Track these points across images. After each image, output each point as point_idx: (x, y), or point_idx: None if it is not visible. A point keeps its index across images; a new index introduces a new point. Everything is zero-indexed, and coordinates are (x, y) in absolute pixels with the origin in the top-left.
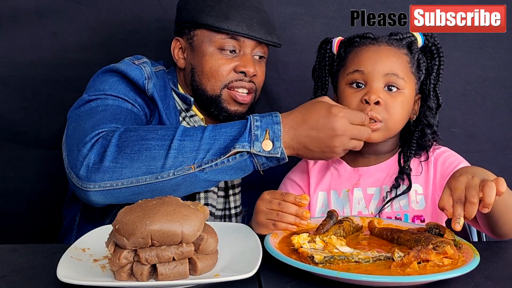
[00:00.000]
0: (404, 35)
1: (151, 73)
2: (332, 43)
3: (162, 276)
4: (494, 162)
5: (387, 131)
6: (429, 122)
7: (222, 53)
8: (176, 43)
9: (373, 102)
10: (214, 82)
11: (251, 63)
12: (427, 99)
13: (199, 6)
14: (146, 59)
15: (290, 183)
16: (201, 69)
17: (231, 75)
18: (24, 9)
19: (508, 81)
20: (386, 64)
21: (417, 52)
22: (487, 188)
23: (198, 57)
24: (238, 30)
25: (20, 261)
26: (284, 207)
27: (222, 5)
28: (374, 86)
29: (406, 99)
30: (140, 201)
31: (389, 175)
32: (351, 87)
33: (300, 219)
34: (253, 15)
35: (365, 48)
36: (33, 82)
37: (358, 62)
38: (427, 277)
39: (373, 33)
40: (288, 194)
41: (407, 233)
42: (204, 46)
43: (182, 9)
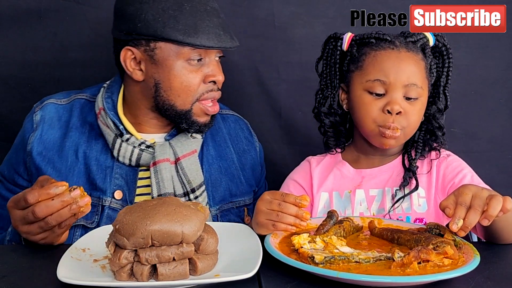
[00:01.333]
0: (418, 37)
1: (40, 121)
2: (343, 39)
3: (162, 276)
4: (494, 162)
5: (404, 138)
6: (440, 124)
7: (190, 64)
8: (127, 53)
9: (395, 112)
10: (185, 97)
11: (219, 70)
12: (436, 101)
13: (160, 17)
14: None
15: (292, 184)
16: (168, 85)
17: (201, 87)
18: (25, 9)
19: (508, 81)
20: (408, 74)
21: (430, 55)
22: (494, 201)
23: (164, 72)
24: (210, 44)
25: (20, 261)
26: (284, 208)
27: (185, 14)
28: (395, 96)
29: (422, 105)
30: (140, 201)
31: (392, 177)
32: (370, 95)
33: (300, 220)
34: (217, 21)
35: (385, 54)
36: (33, 82)
37: (380, 71)
38: (427, 277)
39: (388, 34)
40: (288, 195)
41: (407, 233)
42: (170, 60)
43: (136, 19)
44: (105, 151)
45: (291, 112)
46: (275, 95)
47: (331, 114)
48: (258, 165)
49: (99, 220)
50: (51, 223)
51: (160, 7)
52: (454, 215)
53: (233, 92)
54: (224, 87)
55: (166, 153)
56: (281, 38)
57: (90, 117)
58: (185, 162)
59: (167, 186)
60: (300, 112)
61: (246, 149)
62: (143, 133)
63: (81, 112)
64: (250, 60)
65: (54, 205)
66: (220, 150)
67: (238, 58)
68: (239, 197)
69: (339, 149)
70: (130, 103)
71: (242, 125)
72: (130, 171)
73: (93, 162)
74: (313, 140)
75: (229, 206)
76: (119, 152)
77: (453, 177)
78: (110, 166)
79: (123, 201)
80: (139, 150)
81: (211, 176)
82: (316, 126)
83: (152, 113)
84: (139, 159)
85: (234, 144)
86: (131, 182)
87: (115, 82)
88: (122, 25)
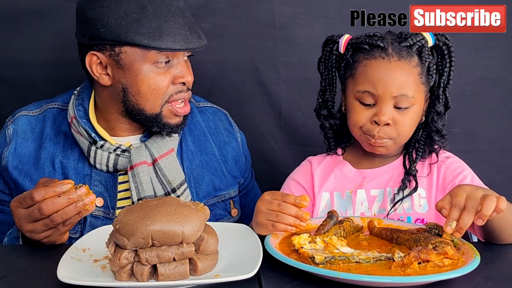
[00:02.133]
0: (414, 40)
1: (13, 134)
2: (339, 43)
3: (162, 276)
4: (494, 162)
5: (395, 145)
6: (437, 128)
7: (157, 67)
8: (92, 58)
9: (382, 124)
10: (154, 100)
11: (188, 71)
12: (435, 103)
13: (123, 21)
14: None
15: (293, 184)
16: (136, 89)
17: (170, 88)
18: (25, 9)
19: (508, 81)
20: (397, 85)
21: (428, 57)
22: (487, 201)
23: (131, 77)
24: (176, 47)
25: (21, 261)
26: (284, 208)
27: (148, 16)
28: (384, 108)
29: (415, 112)
30: (140, 201)
31: (393, 177)
32: (361, 104)
33: (300, 220)
34: (182, 21)
35: (375, 64)
36: (33, 81)
37: (369, 82)
38: (428, 278)
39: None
40: (288, 195)
41: (406, 233)
42: (136, 64)
43: (98, 24)
44: (82, 159)
45: (291, 112)
46: (275, 95)
47: (331, 117)
48: (241, 156)
49: (82, 229)
50: (57, 220)
51: (122, 10)
52: (448, 217)
53: (233, 92)
54: (224, 87)
55: (142, 156)
56: (281, 38)
57: (63, 126)
58: (163, 162)
59: (146, 189)
60: (300, 112)
61: (227, 141)
62: (117, 137)
63: (54, 122)
64: (250, 60)
65: (60, 202)
66: (199, 145)
67: (238, 58)
68: (224, 190)
69: (340, 149)
70: (101, 109)
71: (221, 116)
72: (109, 177)
73: (71, 172)
74: (313, 140)
75: (214, 201)
76: (95, 160)
77: (454, 178)
78: (89, 174)
79: (105, 208)
80: (115, 156)
81: (193, 172)
82: (316, 126)
83: (123, 118)
84: (116, 164)
85: (213, 136)
86: (111, 188)
87: (85, 88)
88: (85, 29)
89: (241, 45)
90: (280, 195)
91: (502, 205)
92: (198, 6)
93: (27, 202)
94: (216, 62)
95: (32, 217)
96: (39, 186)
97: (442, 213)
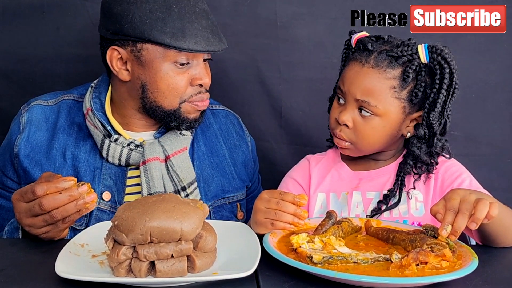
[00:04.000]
0: (404, 52)
1: (26, 122)
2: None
3: (160, 273)
4: (494, 166)
5: (358, 151)
6: (414, 153)
7: (177, 67)
8: (113, 53)
9: (341, 122)
10: (172, 98)
11: (206, 73)
12: (418, 126)
13: (147, 19)
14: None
15: (291, 182)
16: (155, 86)
17: (189, 90)
18: (28, 4)
19: (509, 85)
20: (360, 89)
21: (414, 73)
22: (480, 204)
23: (151, 74)
24: (198, 48)
25: (19, 255)
26: (283, 206)
27: (173, 16)
28: (348, 107)
29: (381, 123)
30: (139, 198)
31: (389, 181)
32: (337, 100)
33: (298, 219)
34: (205, 23)
35: (352, 65)
36: (34, 76)
37: (341, 79)
38: (426, 279)
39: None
40: (287, 194)
41: (402, 233)
42: (156, 62)
43: (122, 19)
44: (94, 152)
45: (292, 111)
46: (276, 95)
47: None
48: (250, 160)
49: (87, 221)
50: (56, 217)
51: (148, 8)
52: (443, 221)
53: (234, 90)
54: (225, 85)
55: (155, 152)
56: (283, 38)
57: (78, 118)
58: (175, 160)
59: (157, 185)
60: (301, 112)
61: (238, 144)
62: (131, 131)
63: (68, 113)
64: (252, 59)
65: (61, 198)
66: (211, 146)
67: (240, 57)
68: (232, 192)
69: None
70: (117, 103)
71: (233, 120)
72: (119, 171)
73: (81, 163)
74: (313, 140)
75: (221, 202)
76: (108, 153)
77: (452, 182)
78: (99, 167)
79: (112, 202)
80: (128, 150)
81: (203, 173)
82: (316, 126)
83: (139, 114)
84: (128, 158)
85: (225, 139)
86: (120, 182)
87: (102, 82)
88: (108, 24)
89: (243, 44)
90: (279, 194)
91: (493, 211)
92: None
93: (29, 196)
94: (218, 61)
95: (32, 212)
96: (41, 180)
97: (437, 218)
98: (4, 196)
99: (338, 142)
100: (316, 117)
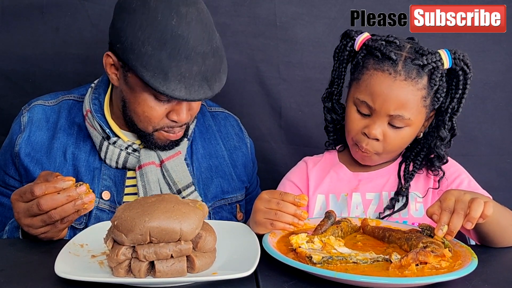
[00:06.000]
0: (429, 60)
1: (27, 122)
2: (355, 41)
3: (159, 273)
4: (493, 166)
5: (383, 159)
6: (439, 153)
7: (156, 98)
8: (108, 59)
9: (372, 137)
10: (146, 124)
11: (183, 112)
12: (440, 127)
13: (136, 49)
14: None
15: (289, 184)
16: (133, 108)
17: (163, 121)
18: (27, 4)
19: (508, 85)
20: (396, 105)
21: (439, 81)
22: (475, 203)
23: (131, 95)
24: (175, 96)
25: (18, 256)
26: (283, 207)
27: (162, 55)
28: (378, 122)
29: (409, 133)
30: (139, 198)
31: (389, 181)
32: (357, 111)
33: (298, 219)
34: (196, 70)
35: (381, 77)
36: (34, 77)
37: (369, 94)
38: (425, 279)
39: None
40: (287, 194)
41: (398, 232)
42: (138, 88)
43: (118, 37)
44: (94, 153)
45: (291, 111)
46: (275, 95)
47: (333, 110)
48: (249, 162)
49: (87, 221)
50: (54, 217)
51: (142, 38)
52: (439, 221)
53: (233, 91)
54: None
55: (151, 156)
56: (282, 38)
57: (78, 118)
58: (169, 164)
59: (154, 189)
60: (300, 112)
61: (237, 146)
62: (128, 132)
63: (69, 113)
64: (251, 59)
65: (59, 199)
66: (210, 148)
67: (239, 57)
68: (231, 193)
69: (337, 147)
70: (114, 104)
71: (232, 122)
72: (118, 172)
73: (81, 163)
74: (313, 140)
75: (221, 203)
76: (106, 155)
77: (450, 183)
78: (98, 168)
79: (111, 201)
80: (126, 154)
81: (202, 175)
82: (316, 126)
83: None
84: (125, 162)
85: (224, 141)
86: (119, 183)
87: (102, 82)
88: (110, 31)
89: (242, 44)
90: (279, 194)
91: (488, 210)
92: None
93: (27, 196)
94: None
95: (30, 212)
96: (40, 179)
97: (433, 219)
98: (6, 194)
99: (362, 156)
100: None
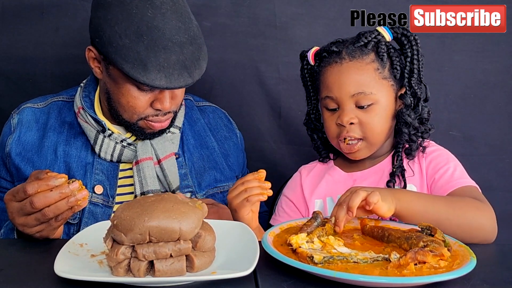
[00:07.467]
0: (369, 37)
1: (17, 123)
2: (307, 56)
3: (159, 272)
4: (492, 166)
5: (371, 146)
6: (406, 120)
7: (139, 88)
8: (90, 53)
9: (346, 124)
10: (131, 114)
11: (167, 100)
12: (404, 95)
13: (114, 42)
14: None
15: (284, 200)
16: (117, 99)
17: (148, 110)
18: (27, 4)
19: (507, 86)
20: (351, 84)
21: (386, 51)
22: (353, 194)
23: (115, 87)
24: (156, 85)
25: (18, 255)
26: (248, 184)
27: (140, 46)
28: (345, 108)
29: (382, 108)
30: (138, 197)
31: (383, 177)
32: (328, 111)
33: (265, 189)
34: (175, 59)
35: (330, 69)
36: (34, 77)
37: (326, 88)
38: (424, 279)
39: (338, 44)
40: (247, 175)
41: (398, 231)
42: (120, 80)
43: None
44: (85, 148)
45: (291, 112)
46: (275, 95)
47: (316, 129)
48: (240, 151)
49: (81, 215)
50: (48, 215)
51: (118, 31)
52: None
53: (233, 91)
54: (224, 86)
55: (148, 152)
56: (282, 38)
57: (68, 117)
58: (166, 164)
59: (150, 184)
60: (300, 112)
61: (228, 136)
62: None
63: (59, 114)
64: (251, 60)
65: (52, 196)
66: (200, 139)
67: (239, 57)
68: (224, 182)
69: (332, 155)
70: (102, 101)
71: (220, 114)
72: (110, 166)
73: (73, 159)
74: None
75: (214, 191)
76: (101, 148)
77: (433, 174)
78: (90, 162)
79: (104, 195)
80: (121, 147)
81: (194, 164)
82: None
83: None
84: (120, 155)
85: (214, 132)
86: (112, 177)
87: (91, 81)
88: (89, 26)
89: (242, 44)
90: (240, 180)
91: (372, 198)
92: (200, 5)
93: (20, 195)
94: (217, 61)
95: (24, 211)
96: (32, 179)
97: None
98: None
99: (350, 147)
100: None
